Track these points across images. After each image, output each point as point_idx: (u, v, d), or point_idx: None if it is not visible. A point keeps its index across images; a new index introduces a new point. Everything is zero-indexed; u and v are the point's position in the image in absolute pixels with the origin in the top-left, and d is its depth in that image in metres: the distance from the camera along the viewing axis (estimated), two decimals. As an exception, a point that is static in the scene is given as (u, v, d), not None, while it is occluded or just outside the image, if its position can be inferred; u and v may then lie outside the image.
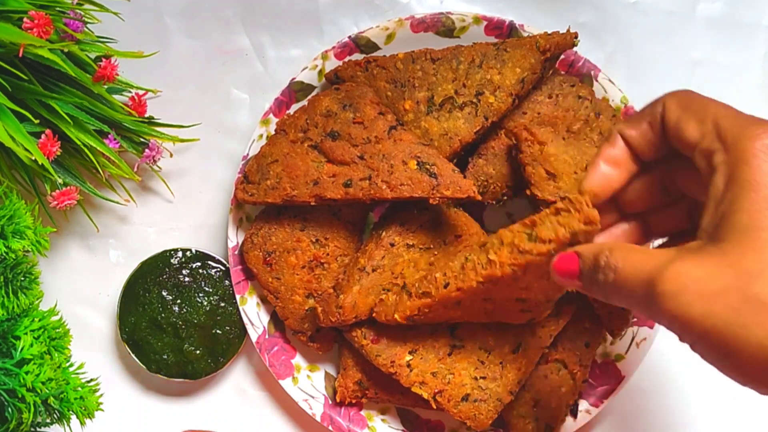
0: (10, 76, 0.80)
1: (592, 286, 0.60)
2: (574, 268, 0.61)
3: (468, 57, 0.91)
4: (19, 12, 0.79)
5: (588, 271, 0.60)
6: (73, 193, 0.86)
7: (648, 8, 1.03)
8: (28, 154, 0.80)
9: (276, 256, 0.92)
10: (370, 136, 0.88)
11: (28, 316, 0.84)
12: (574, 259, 0.62)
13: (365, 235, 0.97)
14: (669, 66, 1.03)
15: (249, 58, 1.02)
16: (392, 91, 0.92)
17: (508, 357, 0.88)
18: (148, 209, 1.00)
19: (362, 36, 0.95)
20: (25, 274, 0.84)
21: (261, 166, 0.91)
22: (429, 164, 0.86)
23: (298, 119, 0.92)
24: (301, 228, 0.93)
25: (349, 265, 0.91)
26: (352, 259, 0.92)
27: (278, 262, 0.92)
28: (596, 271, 0.58)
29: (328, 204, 0.89)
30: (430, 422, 0.97)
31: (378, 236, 0.91)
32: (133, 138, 0.93)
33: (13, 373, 0.80)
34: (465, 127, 0.90)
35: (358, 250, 0.93)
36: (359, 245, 0.95)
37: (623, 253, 0.57)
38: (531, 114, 0.94)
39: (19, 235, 0.80)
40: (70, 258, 1.00)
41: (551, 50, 0.90)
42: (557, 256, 0.63)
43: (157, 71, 0.98)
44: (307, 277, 0.93)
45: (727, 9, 1.03)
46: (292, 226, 0.93)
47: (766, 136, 0.55)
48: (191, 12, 1.01)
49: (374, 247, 0.90)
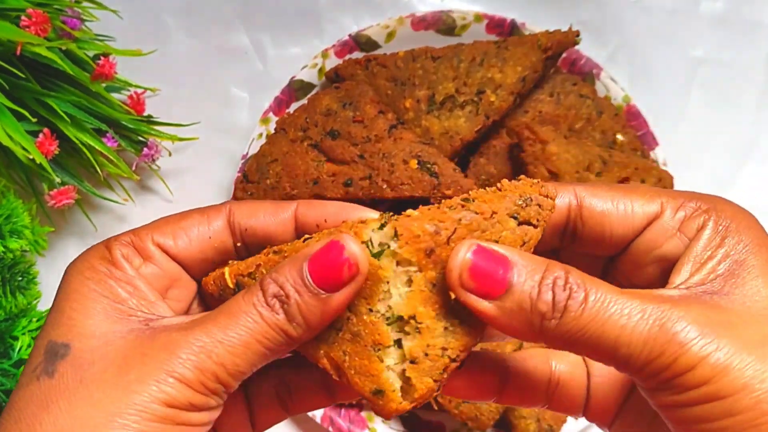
0: (7, 74, 0.80)
1: (526, 324, 0.41)
2: (500, 279, 0.41)
3: (469, 55, 0.91)
4: (16, 10, 0.79)
5: (524, 294, 0.41)
6: (71, 192, 0.86)
7: (650, 6, 1.02)
8: (26, 153, 0.80)
9: (276, 255, 0.92)
10: (371, 135, 0.88)
11: (26, 317, 0.83)
12: (503, 261, 0.42)
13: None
14: (671, 64, 1.03)
15: (248, 57, 1.02)
16: (393, 89, 0.92)
17: (509, 357, 0.87)
18: (147, 209, 1.00)
19: (362, 34, 0.95)
20: (23, 274, 0.84)
21: (260, 165, 0.91)
22: (430, 163, 0.85)
23: (298, 118, 0.92)
24: (301, 227, 0.93)
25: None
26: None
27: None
28: (543, 298, 0.41)
29: (328, 203, 0.89)
30: (432, 423, 0.96)
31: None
32: (132, 137, 0.92)
33: (11, 374, 0.79)
34: (466, 126, 0.90)
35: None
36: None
37: (594, 282, 0.41)
38: (532, 113, 0.93)
39: (17, 235, 0.79)
40: (69, 258, 0.98)
41: (553, 48, 0.89)
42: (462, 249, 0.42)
43: (156, 69, 0.97)
44: (307, 277, 0.92)
45: (730, 7, 1.03)
46: (292, 226, 0.93)
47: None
48: (190, 10, 1.01)
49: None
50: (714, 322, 0.40)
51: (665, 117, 1.00)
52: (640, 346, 0.40)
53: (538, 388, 0.52)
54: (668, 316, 0.40)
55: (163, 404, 0.41)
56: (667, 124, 0.99)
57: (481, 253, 0.41)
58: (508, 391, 0.52)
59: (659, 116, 0.98)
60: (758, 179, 1.03)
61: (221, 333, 0.43)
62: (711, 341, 0.39)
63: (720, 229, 0.45)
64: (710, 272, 0.44)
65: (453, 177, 0.85)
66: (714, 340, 0.40)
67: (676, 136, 1.00)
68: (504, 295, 0.41)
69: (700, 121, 1.03)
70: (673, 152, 0.96)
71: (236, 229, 0.50)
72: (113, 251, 0.47)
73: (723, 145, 1.03)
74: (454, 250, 0.42)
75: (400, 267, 0.43)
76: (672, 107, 1.03)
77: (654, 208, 0.47)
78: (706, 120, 1.03)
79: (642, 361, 0.40)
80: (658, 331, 0.40)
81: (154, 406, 0.41)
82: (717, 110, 1.03)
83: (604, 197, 0.47)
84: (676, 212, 0.46)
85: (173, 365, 0.42)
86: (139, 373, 0.42)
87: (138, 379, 0.42)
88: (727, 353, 0.39)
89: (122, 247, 0.48)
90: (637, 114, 0.95)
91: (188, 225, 0.49)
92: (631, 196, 0.47)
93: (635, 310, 0.40)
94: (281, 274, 0.44)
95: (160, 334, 0.44)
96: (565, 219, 0.48)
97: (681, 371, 0.39)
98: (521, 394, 0.52)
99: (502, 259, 0.42)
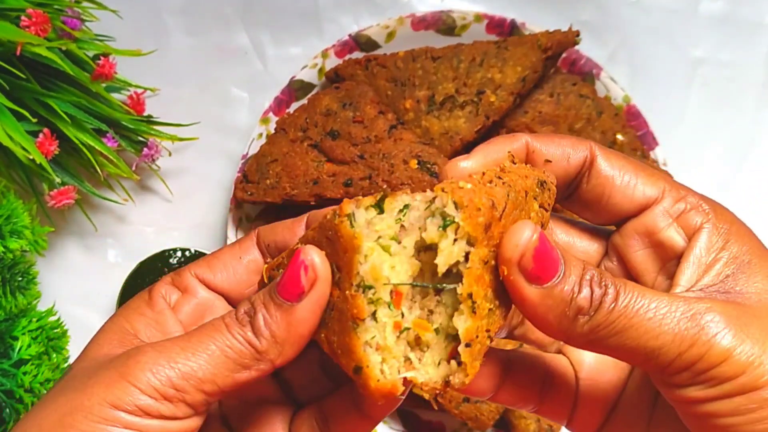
0: (8, 74, 0.80)
1: (560, 317, 0.42)
2: (557, 266, 0.41)
3: (469, 55, 0.91)
4: (17, 10, 0.79)
5: (569, 286, 0.41)
6: (71, 192, 0.86)
7: (650, 6, 1.02)
8: (26, 153, 0.80)
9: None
10: (371, 135, 0.88)
11: (26, 317, 0.83)
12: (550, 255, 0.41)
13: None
14: (671, 64, 1.03)
15: (248, 57, 1.02)
16: (393, 89, 0.92)
17: (509, 357, 0.87)
18: (147, 209, 1.00)
19: (362, 34, 0.95)
20: (23, 274, 0.84)
21: (260, 165, 0.91)
22: (430, 163, 0.85)
23: (298, 118, 0.91)
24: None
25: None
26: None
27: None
28: (583, 293, 0.41)
29: (327, 203, 0.89)
30: (431, 423, 0.96)
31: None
32: (132, 137, 0.92)
33: (11, 374, 0.79)
34: (466, 126, 0.90)
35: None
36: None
37: (623, 281, 0.42)
38: (532, 113, 0.93)
39: (17, 235, 0.79)
40: (69, 258, 0.99)
41: (553, 49, 0.89)
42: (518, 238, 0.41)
43: (156, 69, 0.97)
44: (307, 277, 0.92)
45: (729, 7, 1.03)
46: (292, 226, 0.93)
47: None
48: (190, 10, 1.01)
49: (375, 246, 0.89)
50: (738, 316, 0.41)
51: (665, 117, 1.00)
52: (670, 338, 0.40)
53: (534, 386, 0.52)
54: (696, 308, 0.41)
55: (109, 405, 0.41)
56: (667, 124, 0.99)
57: (543, 237, 0.41)
58: (506, 386, 0.52)
59: (659, 116, 0.98)
60: (758, 179, 1.03)
61: (185, 340, 0.43)
62: (739, 334, 0.40)
63: (721, 232, 0.46)
64: (718, 274, 0.45)
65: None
66: (741, 332, 0.40)
67: (675, 136, 1.00)
68: (551, 284, 0.41)
69: (700, 121, 1.03)
70: (672, 152, 0.97)
71: (262, 247, 0.51)
72: (153, 292, 0.50)
73: (722, 144, 1.03)
74: (517, 228, 0.41)
75: (459, 242, 0.41)
76: (672, 107, 1.03)
77: (655, 191, 0.48)
78: (706, 120, 1.03)
79: (672, 354, 0.40)
80: (687, 322, 0.40)
81: (99, 407, 0.41)
82: (717, 110, 1.03)
83: (614, 164, 0.48)
84: (676, 203, 0.47)
85: (129, 367, 0.42)
86: (98, 378, 0.43)
87: (95, 383, 0.43)
88: (755, 345, 0.40)
89: (162, 286, 0.50)
90: (637, 114, 0.95)
91: (222, 254, 0.51)
92: (639, 172, 0.48)
93: (662, 304, 0.41)
94: (257, 294, 0.44)
95: (129, 350, 0.44)
96: (576, 172, 0.49)
97: (713, 363, 0.40)
98: (518, 392, 0.52)
99: (555, 247, 0.42)
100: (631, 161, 0.49)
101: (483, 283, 0.42)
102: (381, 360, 0.42)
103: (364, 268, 0.42)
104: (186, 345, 0.43)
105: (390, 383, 0.42)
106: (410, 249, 0.43)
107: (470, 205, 0.40)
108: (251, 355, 0.43)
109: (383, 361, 0.42)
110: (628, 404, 0.51)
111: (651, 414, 0.50)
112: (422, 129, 0.90)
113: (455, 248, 0.41)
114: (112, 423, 0.41)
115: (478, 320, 0.42)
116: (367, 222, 0.42)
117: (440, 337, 0.43)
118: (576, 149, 0.48)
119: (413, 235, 0.42)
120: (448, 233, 0.41)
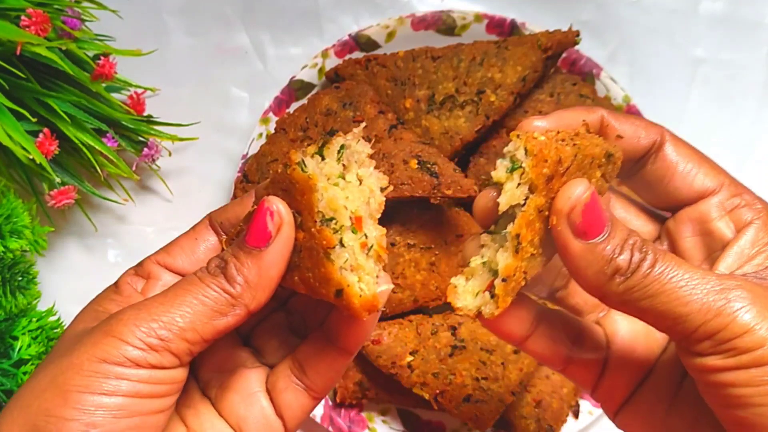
0: (8, 74, 0.80)
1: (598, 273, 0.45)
2: (603, 224, 0.45)
3: (469, 55, 0.91)
4: (17, 10, 0.79)
5: (611, 246, 0.45)
6: (72, 192, 0.86)
7: (650, 6, 1.02)
8: (26, 153, 0.80)
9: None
10: (371, 135, 0.87)
11: (26, 317, 0.83)
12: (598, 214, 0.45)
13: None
14: (671, 64, 1.03)
15: (248, 57, 1.02)
16: (393, 89, 0.92)
17: (509, 357, 0.87)
18: (147, 208, 1.00)
19: (363, 34, 0.95)
20: (23, 274, 0.84)
21: (261, 165, 0.90)
22: (430, 163, 0.85)
23: (298, 118, 0.91)
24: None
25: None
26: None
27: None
28: (623, 254, 0.44)
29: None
30: (431, 423, 0.96)
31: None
32: (132, 137, 0.92)
33: (11, 374, 0.79)
34: (466, 126, 0.90)
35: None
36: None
37: (663, 251, 0.45)
38: (532, 112, 0.93)
39: (17, 235, 0.79)
40: (69, 258, 0.99)
41: (553, 48, 0.89)
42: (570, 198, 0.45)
43: (156, 69, 0.97)
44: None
45: (730, 7, 1.03)
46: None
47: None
48: (190, 10, 1.01)
49: (375, 246, 0.89)
50: (765, 296, 0.44)
51: (665, 117, 0.99)
52: (698, 306, 0.43)
53: (564, 343, 0.54)
54: (726, 284, 0.44)
55: (98, 360, 0.44)
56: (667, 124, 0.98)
57: (595, 197, 0.45)
58: (537, 336, 0.53)
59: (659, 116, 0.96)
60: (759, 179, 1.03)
61: (162, 297, 0.47)
62: (763, 312, 0.43)
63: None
64: (758, 265, 0.49)
65: (453, 177, 0.85)
66: (766, 311, 0.43)
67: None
68: (595, 241, 0.45)
69: (700, 121, 1.03)
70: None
71: (216, 228, 0.55)
72: (119, 282, 0.53)
73: (723, 144, 1.03)
74: (573, 183, 0.45)
75: (522, 187, 0.45)
76: (672, 107, 1.03)
77: (713, 183, 0.52)
78: (706, 120, 1.03)
79: (697, 322, 0.43)
80: (716, 295, 0.43)
81: (89, 363, 0.44)
82: (717, 110, 1.03)
83: (680, 152, 0.52)
84: (732, 197, 0.51)
85: (112, 325, 0.45)
86: (84, 341, 0.45)
87: (81, 344, 0.45)
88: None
89: (127, 277, 0.54)
90: (637, 114, 0.95)
91: (179, 240, 0.55)
92: (702, 163, 0.52)
93: (695, 276, 0.44)
94: (225, 250, 0.49)
95: (118, 311, 0.47)
96: (645, 152, 0.52)
97: (734, 334, 0.42)
98: (547, 345, 0.54)
99: (605, 210, 0.45)
100: (697, 152, 0.53)
101: (532, 229, 0.46)
102: (357, 279, 0.47)
103: (323, 204, 0.46)
104: (164, 300, 0.46)
105: (371, 296, 0.47)
106: (355, 182, 0.49)
107: (539, 155, 0.44)
108: (227, 301, 0.46)
109: (359, 279, 0.47)
110: (654, 384, 0.53)
111: (674, 398, 0.52)
112: (422, 129, 0.90)
113: (518, 191, 0.45)
114: (104, 375, 0.44)
115: (518, 260, 0.46)
116: (316, 166, 0.47)
117: (485, 269, 0.48)
118: (648, 131, 0.52)
119: (353, 169, 0.49)
120: (514, 176, 0.46)
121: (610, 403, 0.55)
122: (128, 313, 0.46)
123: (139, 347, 0.44)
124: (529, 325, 0.53)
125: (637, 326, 0.54)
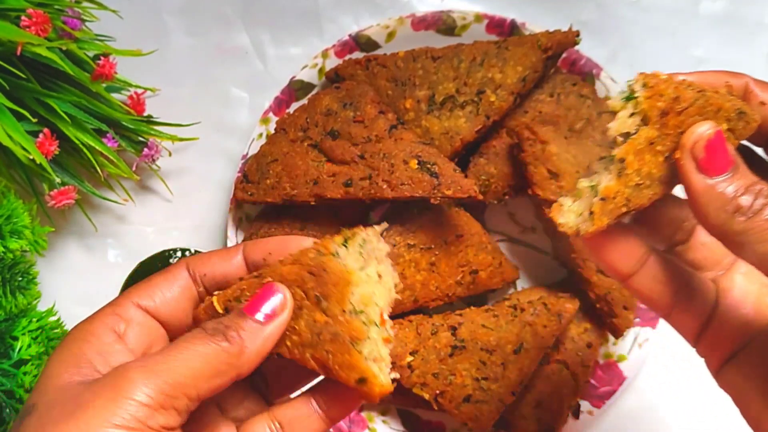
0: (8, 74, 0.80)
1: (718, 210, 0.46)
2: (727, 162, 0.46)
3: (469, 55, 0.91)
4: (17, 10, 0.79)
5: (734, 185, 0.46)
6: (72, 192, 0.86)
7: (650, 6, 1.02)
8: (26, 153, 0.80)
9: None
10: (371, 135, 0.87)
11: (26, 317, 0.83)
12: (722, 151, 0.47)
13: (366, 234, 0.96)
14: (671, 64, 1.03)
15: (249, 57, 1.02)
16: (393, 89, 0.92)
17: (509, 357, 0.87)
18: (147, 209, 1.00)
19: (363, 34, 0.95)
20: (23, 274, 0.84)
21: (261, 165, 0.90)
22: (430, 163, 0.85)
23: (298, 118, 0.91)
24: (301, 228, 0.92)
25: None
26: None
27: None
28: (746, 196, 0.46)
29: (328, 203, 0.89)
30: (431, 423, 0.96)
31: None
32: (132, 137, 0.92)
33: (11, 374, 0.79)
34: (466, 126, 0.90)
35: (359, 250, 0.92)
36: (360, 245, 0.95)
37: None
38: (533, 113, 0.93)
39: (17, 235, 0.79)
40: (69, 258, 0.99)
41: (553, 48, 0.89)
42: (701, 137, 0.47)
43: (156, 69, 0.97)
44: (307, 277, 0.92)
45: (730, 7, 1.03)
46: (292, 226, 0.92)
47: None
48: (190, 10, 1.01)
49: (375, 246, 0.89)
50: None
51: (665, 117, 1.00)
52: None
53: (670, 286, 0.54)
54: None
55: (112, 426, 0.44)
56: (668, 124, 0.99)
57: (720, 135, 0.47)
58: (643, 274, 0.54)
59: (659, 116, 0.98)
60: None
61: (165, 356, 0.47)
62: None
63: None
64: None
65: (453, 177, 0.85)
66: None
67: (676, 136, 1.00)
68: (718, 180, 0.46)
69: (701, 121, 1.03)
70: (673, 152, 0.96)
71: (197, 278, 0.56)
72: (95, 323, 0.54)
73: (723, 145, 1.03)
74: (700, 123, 0.47)
75: (635, 117, 0.48)
76: (672, 107, 1.03)
77: None
78: (707, 120, 1.03)
79: None
80: None
81: (103, 429, 0.44)
82: (717, 110, 1.03)
83: None
84: None
85: (120, 386, 0.45)
86: (88, 403, 0.45)
87: (88, 407, 0.45)
88: None
89: (104, 317, 0.54)
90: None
91: (158, 282, 0.56)
92: None
93: None
94: (227, 316, 0.51)
95: (112, 371, 0.47)
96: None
97: None
98: (652, 285, 0.54)
99: (731, 152, 0.47)
100: None
101: (641, 159, 0.48)
102: (379, 369, 0.51)
103: (356, 298, 0.50)
104: (167, 358, 0.47)
105: (388, 385, 0.50)
106: (374, 276, 0.53)
107: (656, 88, 0.47)
108: (227, 363, 0.48)
109: (380, 369, 0.51)
110: (762, 345, 0.53)
111: None
112: (422, 129, 0.90)
113: (629, 120, 0.48)
114: None
115: (620, 185, 0.48)
116: (348, 258, 0.51)
117: (591, 193, 0.50)
118: None
119: (373, 265, 0.54)
120: (628, 105, 0.48)
121: (712, 358, 0.55)
122: (134, 370, 0.46)
123: (149, 405, 0.45)
124: (635, 262, 0.53)
125: (752, 287, 0.55)
